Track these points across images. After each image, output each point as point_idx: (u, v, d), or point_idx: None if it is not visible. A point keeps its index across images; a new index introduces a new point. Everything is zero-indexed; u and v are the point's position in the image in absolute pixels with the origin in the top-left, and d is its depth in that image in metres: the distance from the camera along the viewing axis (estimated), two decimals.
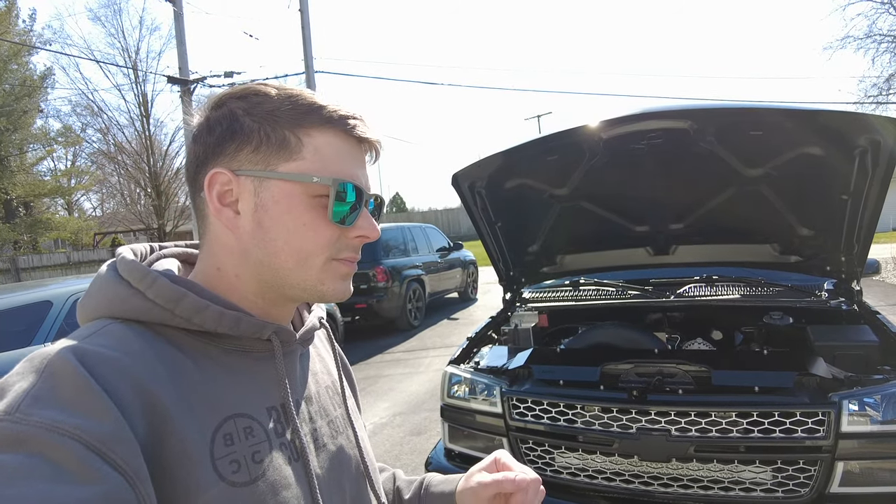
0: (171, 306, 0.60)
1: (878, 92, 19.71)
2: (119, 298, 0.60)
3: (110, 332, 0.57)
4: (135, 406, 0.52)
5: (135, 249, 0.68)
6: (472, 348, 2.97)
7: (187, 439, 0.54)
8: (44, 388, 0.48)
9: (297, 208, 0.63)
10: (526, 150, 2.64)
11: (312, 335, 0.77)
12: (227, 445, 0.58)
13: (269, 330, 0.66)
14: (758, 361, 2.34)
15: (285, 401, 0.66)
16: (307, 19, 13.53)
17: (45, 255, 18.78)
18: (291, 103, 0.64)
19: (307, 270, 0.65)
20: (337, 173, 0.64)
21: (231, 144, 0.63)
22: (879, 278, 11.24)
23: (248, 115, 0.63)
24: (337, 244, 0.66)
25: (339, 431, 0.75)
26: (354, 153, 0.67)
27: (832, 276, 2.81)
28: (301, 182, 0.63)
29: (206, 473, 0.54)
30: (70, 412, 0.47)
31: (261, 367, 0.66)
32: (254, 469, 0.59)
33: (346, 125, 0.65)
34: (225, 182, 0.64)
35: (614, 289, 3.27)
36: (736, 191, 2.67)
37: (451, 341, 7.75)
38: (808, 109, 2.16)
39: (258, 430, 0.62)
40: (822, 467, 1.91)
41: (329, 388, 0.78)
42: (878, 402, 1.91)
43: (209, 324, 0.61)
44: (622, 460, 2.14)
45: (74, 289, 4.29)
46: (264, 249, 0.64)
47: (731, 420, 1.99)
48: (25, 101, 19.39)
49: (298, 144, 0.63)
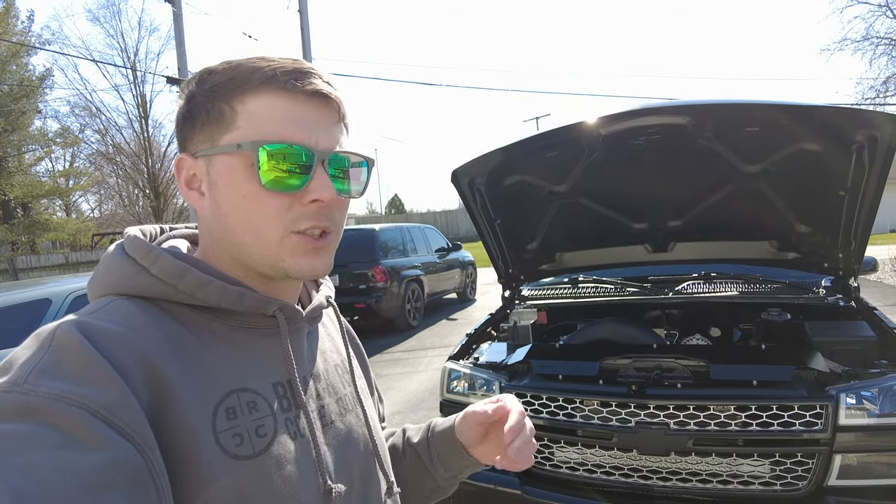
0: (174, 281, 0.60)
1: (876, 94, 19.79)
2: (124, 275, 0.61)
3: (115, 307, 0.58)
4: (138, 377, 0.52)
5: (144, 230, 0.69)
6: (472, 345, 2.98)
7: (189, 411, 0.55)
8: (50, 360, 0.49)
9: (237, 181, 0.61)
10: (525, 146, 2.65)
11: (320, 313, 0.77)
12: (230, 419, 0.58)
13: (274, 306, 0.66)
14: (756, 356, 2.35)
15: (291, 377, 0.65)
16: (306, 20, 13.55)
17: (44, 256, 18.79)
18: (233, 73, 0.62)
19: (265, 246, 0.63)
20: (270, 135, 0.60)
21: (187, 128, 0.64)
22: (877, 278, 11.27)
23: (197, 96, 0.63)
24: (289, 214, 0.62)
25: (348, 409, 0.74)
26: (301, 111, 0.62)
27: (830, 272, 2.82)
28: (234, 153, 0.61)
29: (208, 445, 0.55)
30: (76, 383, 0.48)
31: (266, 344, 0.66)
32: (257, 443, 0.59)
33: (285, 83, 0.61)
34: (189, 167, 0.65)
35: (613, 286, 3.28)
36: (734, 187, 2.68)
37: (450, 341, 7.75)
38: (805, 105, 2.17)
39: (262, 404, 0.61)
40: (819, 460, 1.92)
41: (338, 366, 0.78)
42: (875, 395, 1.92)
43: (212, 299, 0.61)
44: (621, 454, 2.15)
45: (73, 287, 4.29)
46: (223, 227, 0.64)
47: (730, 414, 2.00)
48: (24, 101, 19.41)
49: (233, 114, 0.61)
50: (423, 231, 10.71)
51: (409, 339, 8.23)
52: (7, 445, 0.43)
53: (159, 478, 0.49)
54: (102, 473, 0.45)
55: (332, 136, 0.64)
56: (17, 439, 0.44)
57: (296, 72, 0.62)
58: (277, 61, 0.62)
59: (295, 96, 0.62)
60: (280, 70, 0.61)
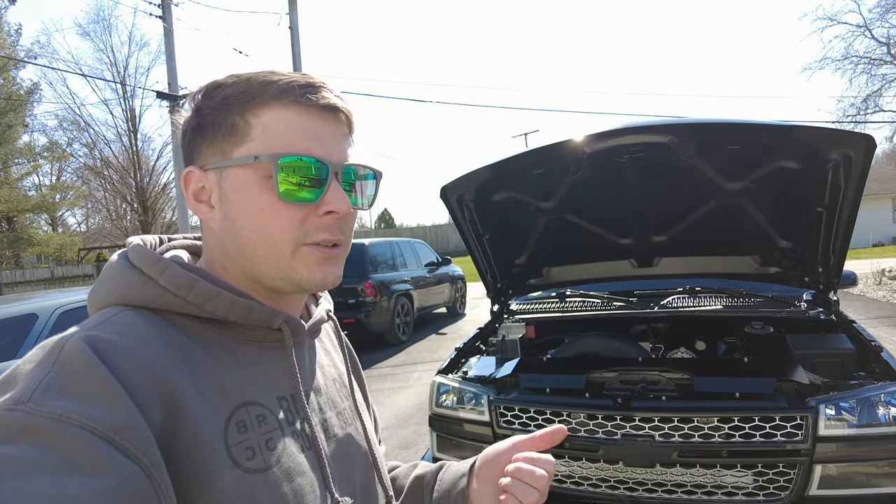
0: (183, 293, 0.60)
1: (856, 112, 20.26)
2: (131, 286, 0.60)
3: (122, 319, 0.57)
4: (150, 394, 0.51)
5: (145, 240, 0.67)
6: (461, 359, 3.00)
7: (202, 425, 0.54)
8: (56, 377, 0.48)
9: (252, 193, 0.61)
10: (513, 163, 2.70)
11: (320, 328, 0.78)
12: (241, 433, 0.57)
13: (280, 319, 0.66)
14: (739, 368, 2.39)
15: (296, 390, 0.66)
16: (297, 36, 13.66)
17: (28, 270, 18.58)
18: (245, 86, 0.62)
19: (278, 258, 0.62)
20: (286, 147, 0.60)
21: (196, 141, 0.64)
22: (859, 292, 11.43)
23: (206, 109, 0.63)
24: (304, 227, 0.62)
25: (348, 423, 0.75)
26: (314, 124, 0.62)
27: (810, 286, 2.88)
28: (250, 165, 0.61)
29: (222, 459, 0.54)
30: (81, 402, 0.47)
31: (271, 357, 0.66)
32: (268, 456, 0.58)
33: (298, 96, 0.61)
34: (197, 179, 0.65)
35: (600, 300, 3.33)
36: (716, 204, 2.75)
37: (440, 356, 7.75)
38: (782, 125, 2.25)
39: (270, 418, 0.61)
40: (800, 470, 1.96)
41: (336, 380, 0.78)
42: (853, 406, 1.97)
43: (221, 311, 0.61)
44: (607, 466, 2.17)
45: (60, 302, 4.27)
46: (236, 240, 0.63)
47: (713, 425, 2.04)
48: (11, 115, 19.29)
49: (247, 127, 0.61)
50: (412, 245, 10.74)
51: (398, 354, 8.22)
52: (6, 470, 0.42)
53: (166, 501, 0.48)
54: (106, 499, 0.43)
55: (343, 150, 0.65)
56: (17, 463, 0.42)
57: (309, 86, 0.62)
58: (289, 75, 0.63)
59: (309, 109, 0.62)
60: (294, 83, 0.61)
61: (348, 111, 0.66)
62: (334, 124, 0.65)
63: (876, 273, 12.72)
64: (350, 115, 0.66)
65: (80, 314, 4.27)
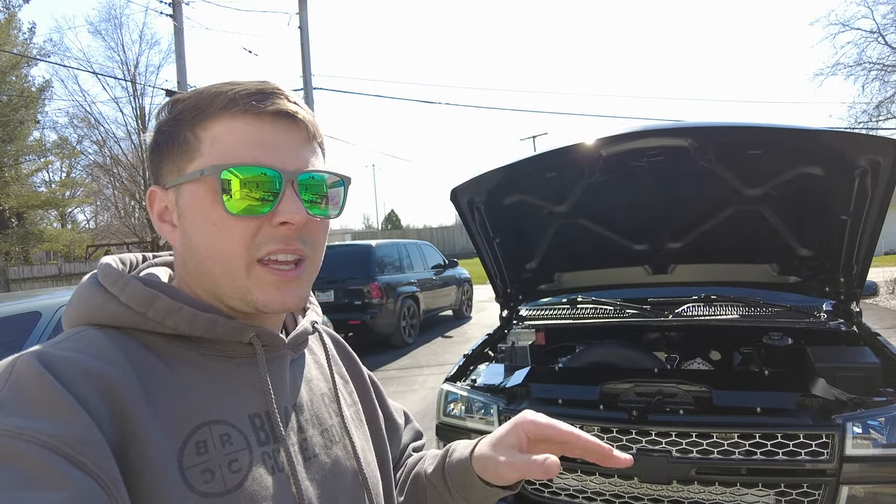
0: (143, 309, 0.58)
1: (868, 118, 20.03)
2: (96, 304, 0.59)
3: (83, 337, 0.56)
4: (101, 408, 0.50)
5: (124, 259, 0.67)
6: (469, 366, 2.93)
7: (153, 446, 0.52)
8: (8, 394, 0.48)
9: (204, 209, 0.59)
10: (526, 166, 2.64)
11: (305, 339, 0.73)
12: (200, 454, 0.55)
13: (249, 333, 0.63)
14: (759, 382, 2.31)
15: (269, 408, 0.62)
16: (307, 36, 13.65)
17: (36, 267, 18.65)
18: (196, 100, 0.60)
19: (233, 277, 0.60)
20: (233, 158, 0.58)
21: (156, 160, 0.63)
22: (874, 301, 11.28)
23: (164, 126, 0.62)
24: (256, 239, 0.59)
25: (335, 441, 0.71)
26: (266, 133, 0.59)
27: (831, 297, 2.80)
28: (199, 180, 0.59)
29: (174, 482, 0.52)
30: (35, 417, 0.46)
31: (244, 373, 0.63)
32: (230, 479, 0.55)
33: (247, 105, 0.58)
34: (160, 199, 0.63)
35: (612, 307, 3.24)
36: (735, 210, 2.67)
37: (446, 359, 7.68)
38: (809, 129, 2.17)
39: (237, 437, 0.58)
40: (826, 491, 1.87)
41: (325, 395, 0.74)
42: (882, 424, 1.88)
43: (182, 326, 0.59)
44: (622, 482, 2.10)
45: (64, 300, 4.22)
46: (195, 258, 0.61)
47: (734, 441, 1.96)
48: (22, 112, 19.41)
49: (196, 141, 0.59)
50: (419, 247, 10.68)
51: (403, 357, 8.15)
52: None
53: None
54: None
55: (301, 157, 0.61)
56: None
57: (258, 93, 0.59)
58: (242, 84, 0.60)
59: (258, 118, 0.59)
60: (242, 92, 0.59)
61: (306, 117, 0.62)
62: (290, 131, 0.61)
63: (889, 282, 12.55)
64: (308, 122, 0.63)
65: None
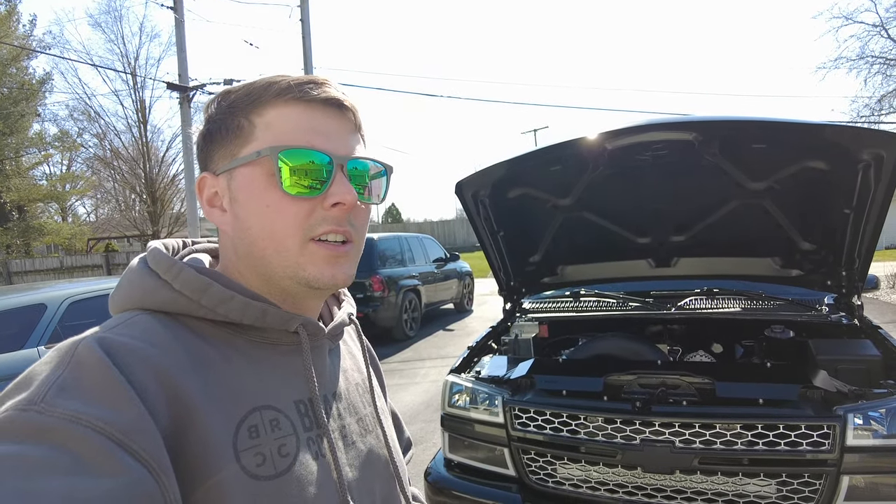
0: (196, 296, 0.60)
1: (871, 112, 19.98)
2: (148, 290, 0.60)
3: (137, 322, 0.57)
4: (158, 396, 0.51)
5: (167, 244, 0.68)
6: (473, 358, 2.95)
7: (211, 430, 0.53)
8: (69, 378, 0.48)
9: (258, 190, 0.62)
10: (530, 159, 2.64)
11: (342, 330, 0.76)
12: (252, 437, 0.57)
13: (296, 322, 0.65)
14: (761, 374, 2.33)
15: (313, 395, 0.64)
16: (308, 29, 13.61)
17: (38, 260, 18.70)
18: (249, 89, 0.64)
19: (286, 255, 0.62)
20: (289, 141, 0.61)
21: (207, 148, 0.66)
22: (873, 296, 11.30)
23: (215, 116, 0.65)
24: (310, 220, 0.62)
25: (369, 430, 0.73)
26: (317, 119, 0.63)
27: (833, 290, 2.81)
28: (254, 162, 0.61)
29: (229, 465, 0.53)
30: (93, 403, 0.47)
31: (288, 361, 0.65)
32: (279, 463, 0.57)
33: (300, 92, 0.62)
34: (210, 185, 0.66)
35: (615, 300, 3.26)
36: (739, 204, 2.68)
37: (447, 352, 7.71)
38: (813, 123, 2.18)
39: (285, 422, 0.60)
40: (827, 481, 1.90)
41: (359, 385, 0.77)
42: (882, 415, 1.90)
43: (234, 314, 0.61)
44: (625, 472, 2.12)
45: (69, 292, 4.25)
46: (245, 240, 0.63)
47: (736, 432, 1.98)
48: (23, 104, 19.38)
49: (251, 126, 0.62)
50: (420, 241, 10.69)
51: (405, 350, 8.19)
52: (18, 469, 0.42)
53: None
54: (115, 500, 0.44)
55: (348, 144, 0.65)
56: (28, 463, 0.43)
57: (310, 82, 0.63)
58: (293, 76, 0.64)
59: (310, 105, 0.63)
60: (294, 82, 0.62)
61: (353, 106, 0.66)
62: (339, 119, 0.65)
63: (890, 276, 12.57)
64: (355, 111, 0.66)
65: (89, 304, 4.26)
